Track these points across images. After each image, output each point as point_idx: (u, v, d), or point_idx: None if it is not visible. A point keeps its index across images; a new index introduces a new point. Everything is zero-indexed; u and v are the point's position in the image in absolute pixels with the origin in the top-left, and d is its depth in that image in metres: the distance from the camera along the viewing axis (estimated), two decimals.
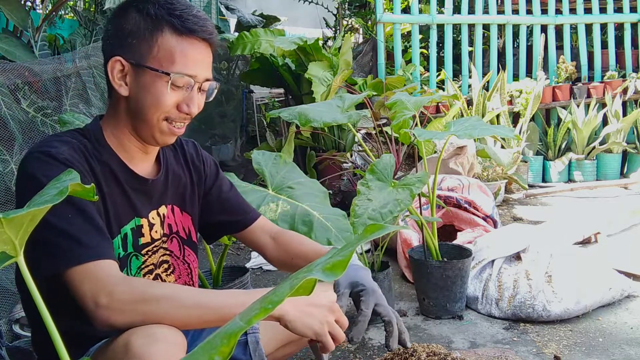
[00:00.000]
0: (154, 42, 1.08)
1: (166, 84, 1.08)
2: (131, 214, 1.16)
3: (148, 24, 1.08)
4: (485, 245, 2.35)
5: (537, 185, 4.64)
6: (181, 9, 1.09)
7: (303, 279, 0.49)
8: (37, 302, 0.67)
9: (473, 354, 1.76)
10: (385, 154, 2.08)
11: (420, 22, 4.99)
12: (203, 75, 1.12)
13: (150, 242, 1.20)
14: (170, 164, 1.27)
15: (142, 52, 1.08)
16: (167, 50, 1.08)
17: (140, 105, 1.10)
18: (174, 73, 1.07)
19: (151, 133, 1.12)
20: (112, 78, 1.10)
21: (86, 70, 2.52)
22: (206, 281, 2.09)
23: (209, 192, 1.36)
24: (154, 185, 1.20)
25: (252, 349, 1.26)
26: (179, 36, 1.08)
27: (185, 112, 1.12)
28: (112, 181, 1.12)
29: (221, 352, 0.46)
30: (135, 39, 1.08)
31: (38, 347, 1.18)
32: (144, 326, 0.96)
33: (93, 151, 1.10)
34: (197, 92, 1.12)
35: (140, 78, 1.09)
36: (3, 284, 1.98)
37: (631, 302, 2.20)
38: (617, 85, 4.83)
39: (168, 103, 1.09)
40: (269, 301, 0.50)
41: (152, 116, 1.10)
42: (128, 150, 1.16)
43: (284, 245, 1.38)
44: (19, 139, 2.10)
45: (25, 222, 0.64)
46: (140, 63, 1.08)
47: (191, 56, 1.09)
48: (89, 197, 0.71)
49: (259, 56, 4.23)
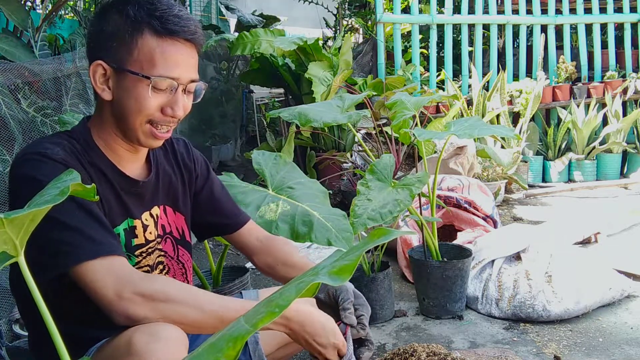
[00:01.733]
0: (134, 45, 1.05)
1: (147, 88, 1.05)
2: (124, 215, 1.15)
3: (128, 26, 1.05)
4: (485, 245, 2.35)
5: (537, 185, 4.64)
6: (162, 10, 1.06)
7: (310, 283, 0.49)
8: (37, 303, 0.67)
9: (473, 354, 1.76)
10: (385, 154, 2.08)
11: (420, 22, 4.99)
12: (186, 77, 1.10)
13: (145, 243, 1.20)
14: (161, 164, 1.26)
15: (122, 56, 1.06)
16: (147, 53, 1.05)
17: (123, 109, 1.08)
18: (155, 76, 1.05)
19: (135, 136, 1.11)
20: (94, 82, 1.08)
21: (86, 70, 2.52)
22: (206, 281, 2.09)
23: (200, 191, 1.35)
24: (145, 187, 1.20)
25: (252, 349, 1.26)
26: (159, 38, 1.06)
27: (170, 115, 1.09)
28: (104, 183, 1.12)
29: (227, 356, 0.46)
30: (115, 42, 1.06)
31: (36, 349, 1.17)
32: (146, 324, 0.96)
33: (83, 153, 1.10)
34: (181, 95, 1.10)
35: (122, 82, 1.07)
36: (3, 284, 1.98)
37: (631, 302, 2.20)
38: (617, 85, 4.83)
39: (150, 107, 1.07)
40: (275, 304, 0.49)
41: (134, 120, 1.08)
42: (116, 152, 1.15)
43: (273, 251, 1.38)
44: (19, 139, 2.10)
45: (26, 222, 0.64)
46: (121, 67, 1.06)
47: (172, 58, 1.07)
48: (89, 197, 0.71)
49: (259, 56, 4.23)
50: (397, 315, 2.18)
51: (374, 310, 2.11)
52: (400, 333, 2.04)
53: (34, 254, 0.88)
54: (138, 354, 0.92)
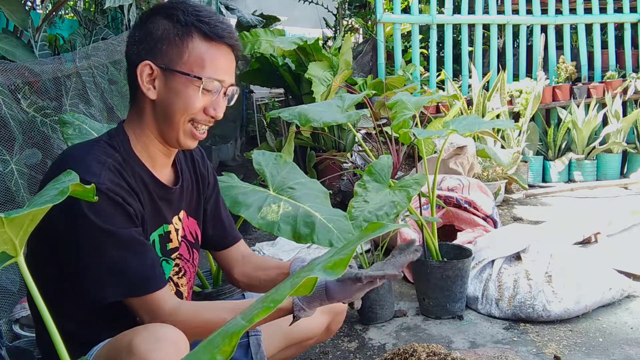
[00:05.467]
0: (185, 48, 1.10)
1: (197, 89, 1.10)
2: (160, 220, 1.19)
3: (178, 30, 1.11)
4: (485, 245, 2.35)
5: (537, 185, 4.64)
6: (209, 16, 1.12)
7: (304, 278, 0.50)
8: (37, 303, 0.67)
9: (473, 354, 1.76)
10: (383, 155, 2.08)
11: (420, 22, 4.98)
12: (229, 81, 1.16)
13: (178, 247, 1.24)
14: (184, 170, 1.30)
15: (172, 57, 1.11)
16: (197, 56, 1.10)
17: (168, 108, 1.12)
18: (206, 78, 1.10)
19: (175, 135, 1.15)
20: (141, 81, 1.11)
21: (86, 70, 2.52)
22: (206, 281, 2.09)
23: (208, 201, 1.39)
24: (175, 193, 1.23)
25: (254, 352, 1.27)
26: (208, 42, 1.11)
27: (211, 116, 1.15)
28: (144, 191, 1.15)
29: (223, 352, 0.47)
30: (165, 45, 1.11)
31: (43, 346, 1.18)
32: (146, 326, 0.97)
33: (125, 165, 1.12)
34: (223, 98, 1.16)
35: (169, 82, 1.11)
36: (3, 284, 1.98)
37: (631, 302, 2.20)
38: (617, 85, 4.83)
39: (197, 106, 1.12)
40: (270, 299, 0.50)
41: (179, 119, 1.12)
42: (152, 156, 1.18)
43: (253, 262, 1.40)
44: (19, 139, 2.10)
45: (25, 222, 0.64)
46: (170, 67, 1.10)
47: (220, 62, 1.13)
48: (89, 197, 0.71)
49: (259, 56, 4.23)
50: (397, 315, 2.18)
51: (374, 310, 2.12)
52: (400, 333, 2.04)
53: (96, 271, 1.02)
54: (139, 355, 0.92)
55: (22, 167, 2.08)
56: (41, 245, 1.07)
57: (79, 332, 1.08)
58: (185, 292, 1.29)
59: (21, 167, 2.07)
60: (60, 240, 1.05)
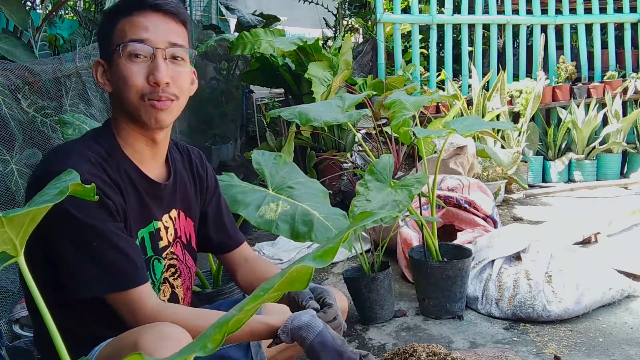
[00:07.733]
0: (112, 33, 1.12)
1: (122, 59, 1.09)
2: (148, 218, 1.18)
3: (107, 21, 1.15)
4: (485, 245, 2.35)
5: (537, 185, 4.64)
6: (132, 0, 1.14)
7: (293, 268, 0.51)
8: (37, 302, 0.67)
9: (473, 354, 1.76)
10: (384, 154, 2.08)
11: (420, 22, 4.98)
12: (160, 39, 1.10)
13: (168, 245, 1.23)
14: (179, 168, 1.28)
15: (107, 47, 1.13)
16: (120, 31, 1.11)
17: (120, 94, 1.12)
18: (123, 43, 1.09)
19: (139, 116, 1.12)
20: (96, 79, 1.15)
21: (86, 70, 2.52)
22: (206, 281, 2.09)
23: (208, 204, 1.38)
24: (165, 189, 1.22)
25: (254, 352, 1.27)
26: (129, 16, 1.11)
27: (154, 83, 1.09)
28: (130, 187, 1.14)
29: (214, 340, 0.48)
30: (102, 39, 1.16)
31: (40, 345, 1.18)
32: (151, 325, 0.97)
33: (109, 159, 1.11)
34: (162, 60, 1.11)
35: (112, 70, 1.12)
36: (3, 284, 1.98)
37: (631, 302, 2.20)
38: (617, 85, 4.82)
39: (134, 77, 1.09)
40: (260, 289, 0.52)
41: (129, 99, 1.11)
42: (137, 149, 1.17)
43: (257, 271, 1.39)
44: (19, 139, 2.10)
45: (25, 221, 0.64)
46: (107, 56, 1.13)
47: (140, 24, 1.11)
48: (89, 197, 0.71)
49: (259, 56, 4.23)
50: (397, 315, 2.18)
51: (374, 310, 2.12)
52: (400, 333, 2.04)
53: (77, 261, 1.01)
54: (146, 354, 0.92)
55: (22, 167, 2.08)
56: (30, 241, 1.07)
57: (79, 330, 1.08)
58: (182, 293, 1.28)
59: (21, 167, 2.07)
60: (45, 236, 1.02)
